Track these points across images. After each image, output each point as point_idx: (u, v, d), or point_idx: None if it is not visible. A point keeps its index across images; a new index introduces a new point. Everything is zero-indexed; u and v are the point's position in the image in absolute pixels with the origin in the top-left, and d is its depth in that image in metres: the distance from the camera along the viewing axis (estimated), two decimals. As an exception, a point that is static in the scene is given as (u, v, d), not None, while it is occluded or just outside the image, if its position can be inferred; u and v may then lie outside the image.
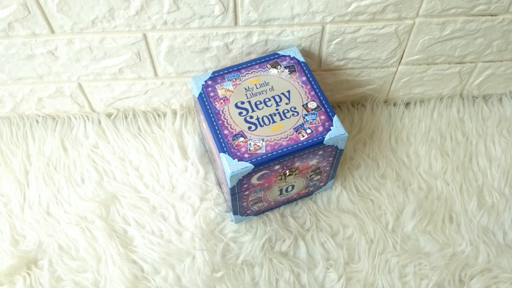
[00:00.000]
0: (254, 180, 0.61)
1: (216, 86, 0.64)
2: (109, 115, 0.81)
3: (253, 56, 0.70)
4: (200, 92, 0.63)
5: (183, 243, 0.69)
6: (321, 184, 0.70)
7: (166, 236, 0.70)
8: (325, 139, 0.60)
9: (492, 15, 0.67)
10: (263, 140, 0.60)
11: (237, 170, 0.58)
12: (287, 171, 0.62)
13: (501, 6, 0.65)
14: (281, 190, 0.67)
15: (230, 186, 0.60)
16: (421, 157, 0.77)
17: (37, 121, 0.81)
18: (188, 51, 0.69)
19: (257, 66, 0.66)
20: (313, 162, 0.63)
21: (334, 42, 0.69)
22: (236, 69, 0.65)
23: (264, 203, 0.68)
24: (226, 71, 0.65)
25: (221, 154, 0.59)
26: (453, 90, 0.82)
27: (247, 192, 0.63)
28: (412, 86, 0.80)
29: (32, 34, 0.65)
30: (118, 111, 0.81)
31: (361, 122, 0.81)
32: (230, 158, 0.58)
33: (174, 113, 0.81)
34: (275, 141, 0.60)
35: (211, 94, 0.63)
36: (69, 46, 0.67)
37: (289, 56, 0.66)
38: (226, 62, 0.71)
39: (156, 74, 0.73)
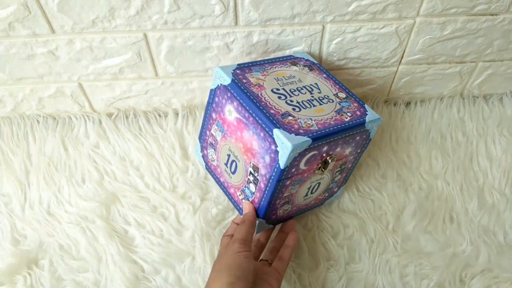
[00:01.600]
0: (302, 164, 0.59)
1: (247, 75, 0.63)
2: (109, 115, 0.81)
3: (253, 56, 0.70)
4: (232, 78, 0.61)
5: (183, 243, 0.69)
6: (336, 189, 0.70)
7: (166, 236, 0.70)
8: (366, 121, 0.60)
9: (492, 15, 0.67)
10: (311, 119, 0.59)
11: (297, 143, 0.55)
12: (328, 158, 0.61)
13: (502, 5, 0.65)
14: (308, 189, 0.65)
15: (283, 166, 0.56)
16: (421, 157, 0.77)
17: (37, 121, 0.81)
18: (189, 50, 0.69)
19: (278, 63, 0.66)
20: (348, 150, 0.63)
21: (334, 41, 0.69)
22: (259, 64, 0.65)
23: (289, 206, 0.66)
24: (250, 64, 0.64)
25: (275, 130, 0.56)
26: (453, 90, 0.82)
27: (288, 182, 0.60)
28: (412, 86, 0.80)
29: (32, 34, 0.65)
30: (118, 111, 0.81)
31: (362, 122, 0.81)
32: (287, 133, 0.56)
33: (175, 113, 0.81)
34: (323, 120, 0.59)
35: (244, 81, 0.61)
36: (69, 46, 0.67)
37: (303, 58, 0.67)
38: (226, 62, 0.71)
39: (156, 74, 0.73)
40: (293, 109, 0.60)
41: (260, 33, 0.66)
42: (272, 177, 0.58)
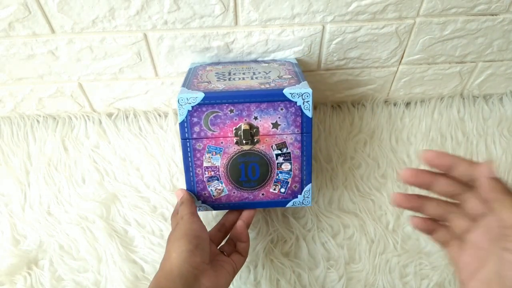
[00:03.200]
0: (207, 124, 0.58)
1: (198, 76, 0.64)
2: (109, 115, 0.81)
3: (253, 56, 0.70)
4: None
5: (183, 243, 0.69)
6: (295, 186, 0.62)
7: (166, 236, 0.70)
8: (285, 89, 0.57)
9: (492, 15, 0.67)
10: (224, 85, 0.60)
11: (185, 95, 0.56)
12: (242, 125, 0.58)
13: (502, 5, 0.65)
14: (242, 170, 0.61)
15: (180, 120, 0.58)
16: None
17: (37, 121, 0.81)
18: (189, 50, 0.69)
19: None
20: (273, 123, 0.58)
21: (334, 41, 0.69)
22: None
23: (221, 184, 0.62)
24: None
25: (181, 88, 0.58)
26: (453, 90, 0.82)
27: (199, 145, 0.59)
28: (412, 86, 0.80)
29: (32, 34, 0.65)
30: (118, 111, 0.81)
31: (362, 122, 0.81)
32: (185, 89, 0.58)
33: (175, 113, 0.81)
34: (234, 86, 0.59)
35: (195, 80, 0.63)
36: (69, 46, 0.67)
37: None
38: (227, 61, 0.71)
39: (156, 74, 0.73)
40: (217, 80, 0.61)
41: (260, 33, 0.66)
42: (179, 129, 0.59)
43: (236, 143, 0.59)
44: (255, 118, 0.58)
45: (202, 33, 0.66)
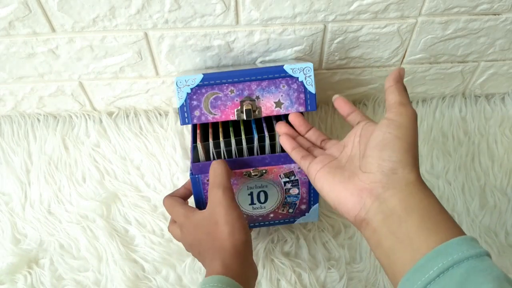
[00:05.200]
0: (206, 105, 0.56)
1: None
2: (110, 114, 0.81)
3: (254, 55, 0.70)
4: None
5: (184, 243, 0.69)
6: (302, 207, 0.63)
7: (167, 236, 0.70)
8: (284, 65, 0.56)
9: (495, 14, 0.66)
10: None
11: (184, 77, 0.55)
12: (245, 105, 0.56)
13: (504, 5, 0.65)
14: (251, 197, 0.61)
15: (178, 104, 0.56)
16: (423, 156, 0.77)
17: (38, 119, 0.81)
18: (190, 50, 0.69)
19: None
20: (277, 99, 0.57)
21: (336, 41, 0.68)
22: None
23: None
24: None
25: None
26: (455, 89, 0.82)
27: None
28: (414, 85, 0.80)
29: (33, 33, 0.65)
30: (119, 109, 0.81)
31: (363, 121, 0.80)
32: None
33: (176, 112, 0.81)
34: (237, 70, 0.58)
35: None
36: (70, 45, 0.67)
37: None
38: (227, 61, 0.71)
39: (157, 73, 0.73)
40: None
41: (262, 32, 0.66)
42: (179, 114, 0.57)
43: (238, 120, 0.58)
44: (257, 97, 0.57)
45: (203, 32, 0.66)
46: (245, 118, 0.56)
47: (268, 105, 0.57)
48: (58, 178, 0.75)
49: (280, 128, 0.58)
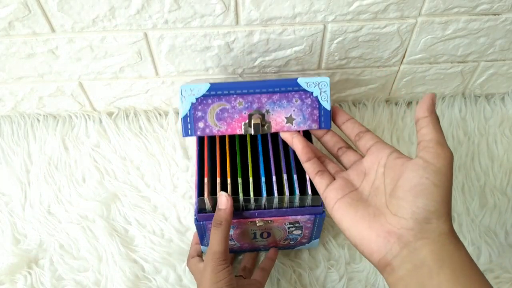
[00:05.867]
0: (211, 117, 0.53)
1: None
2: (110, 114, 0.81)
3: (254, 56, 0.70)
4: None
5: (184, 243, 0.69)
6: (304, 240, 0.63)
7: (167, 236, 0.70)
8: (298, 78, 0.52)
9: (495, 14, 0.66)
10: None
11: (189, 85, 0.51)
12: (253, 118, 0.51)
13: (504, 5, 0.64)
14: (254, 235, 0.60)
15: (182, 115, 0.52)
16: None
17: (38, 119, 0.81)
18: (189, 50, 0.69)
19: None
20: (288, 114, 0.53)
21: (335, 41, 0.68)
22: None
23: (234, 241, 0.62)
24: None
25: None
26: (455, 89, 0.82)
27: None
28: (414, 85, 0.80)
29: (32, 33, 0.65)
30: (119, 110, 0.81)
31: (363, 122, 0.80)
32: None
33: (176, 112, 0.81)
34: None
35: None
36: (69, 45, 0.67)
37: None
38: (227, 61, 0.71)
39: (157, 73, 0.73)
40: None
41: (261, 32, 0.66)
42: (181, 124, 0.53)
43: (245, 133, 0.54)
44: (267, 111, 0.52)
45: (203, 33, 0.66)
46: (252, 133, 0.53)
47: (278, 120, 0.53)
48: (58, 178, 0.75)
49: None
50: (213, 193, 0.55)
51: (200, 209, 0.55)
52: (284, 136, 0.53)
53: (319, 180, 0.48)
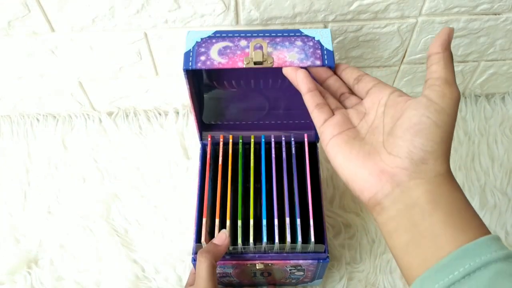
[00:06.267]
0: (214, 52, 0.52)
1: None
2: (110, 114, 0.81)
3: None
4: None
5: (184, 243, 0.69)
6: (306, 280, 0.64)
7: (167, 236, 0.70)
8: (301, 29, 0.53)
9: (495, 14, 0.66)
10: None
11: (196, 32, 0.52)
12: (255, 53, 0.50)
13: (505, 5, 0.64)
14: (254, 275, 0.60)
15: (185, 50, 0.52)
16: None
17: (37, 119, 0.81)
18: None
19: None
20: (291, 52, 0.51)
21: (336, 40, 0.68)
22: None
23: (233, 278, 0.62)
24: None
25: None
26: (455, 89, 0.81)
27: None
28: (414, 85, 0.80)
29: (32, 33, 0.65)
30: (119, 109, 0.81)
31: (363, 121, 0.80)
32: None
33: (176, 112, 0.81)
34: None
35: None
36: (69, 45, 0.67)
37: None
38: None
39: (157, 73, 0.73)
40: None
41: (261, 32, 0.66)
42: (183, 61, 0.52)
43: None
44: (270, 52, 0.51)
45: (203, 32, 0.65)
46: (254, 65, 0.50)
47: (281, 57, 0.51)
48: (57, 178, 0.75)
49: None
50: (212, 232, 0.56)
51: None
52: (287, 71, 0.50)
53: (318, 114, 0.45)
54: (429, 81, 0.40)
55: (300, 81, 0.48)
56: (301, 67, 0.49)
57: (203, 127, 0.65)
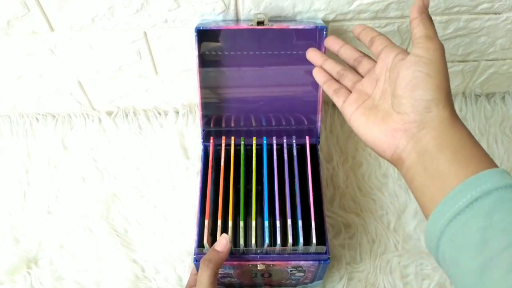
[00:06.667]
0: (221, 23, 0.60)
1: None
2: (109, 113, 0.81)
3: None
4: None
5: (184, 243, 0.69)
6: (306, 281, 0.64)
7: (167, 236, 0.70)
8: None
9: (495, 14, 0.66)
10: None
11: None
12: (257, 18, 0.59)
13: (505, 4, 0.64)
14: (255, 275, 0.61)
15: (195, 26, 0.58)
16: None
17: (37, 119, 0.81)
18: (189, 49, 0.68)
19: None
20: (287, 25, 0.59)
21: (336, 40, 0.68)
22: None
23: (234, 279, 0.62)
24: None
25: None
26: (455, 89, 0.81)
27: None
28: (414, 85, 0.79)
29: (31, 32, 0.65)
30: (118, 109, 0.81)
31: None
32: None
33: (175, 111, 0.81)
34: None
35: None
36: (69, 44, 0.67)
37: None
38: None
39: (156, 72, 0.73)
40: None
41: (261, 31, 0.66)
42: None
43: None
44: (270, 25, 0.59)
45: (203, 32, 0.65)
46: (257, 26, 0.58)
47: (280, 24, 0.59)
48: (57, 178, 0.75)
49: (312, 56, 0.57)
50: (214, 233, 0.57)
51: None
52: (310, 54, 0.57)
53: (336, 99, 0.52)
54: (414, 42, 0.44)
55: (315, 76, 0.55)
56: (298, 29, 0.59)
57: (207, 125, 0.66)
